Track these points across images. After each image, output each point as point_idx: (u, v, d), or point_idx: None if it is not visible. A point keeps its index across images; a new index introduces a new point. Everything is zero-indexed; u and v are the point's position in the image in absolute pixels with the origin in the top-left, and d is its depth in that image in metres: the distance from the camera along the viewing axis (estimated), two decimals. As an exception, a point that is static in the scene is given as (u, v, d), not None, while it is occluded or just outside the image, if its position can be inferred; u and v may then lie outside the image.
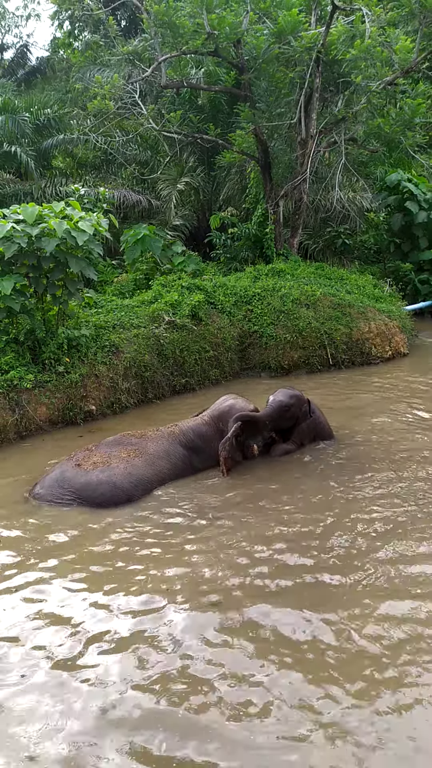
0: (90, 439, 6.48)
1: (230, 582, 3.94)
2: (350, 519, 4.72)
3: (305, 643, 3.37)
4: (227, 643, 3.38)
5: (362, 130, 12.03)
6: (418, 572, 3.99)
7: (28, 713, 2.95)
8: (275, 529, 4.62)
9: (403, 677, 3.10)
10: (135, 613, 3.67)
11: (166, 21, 10.58)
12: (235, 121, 12.79)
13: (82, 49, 18.77)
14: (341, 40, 10.63)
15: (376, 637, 3.39)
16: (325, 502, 5.03)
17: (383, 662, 3.20)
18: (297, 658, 3.26)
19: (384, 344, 10.27)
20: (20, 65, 22.79)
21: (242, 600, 3.76)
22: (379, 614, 3.58)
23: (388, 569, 4.02)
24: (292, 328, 9.68)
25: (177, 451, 5.66)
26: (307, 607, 3.65)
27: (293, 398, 6.03)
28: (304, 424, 6.14)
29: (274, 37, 10.49)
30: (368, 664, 3.20)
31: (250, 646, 3.35)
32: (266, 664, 3.22)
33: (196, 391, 8.80)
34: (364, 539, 4.41)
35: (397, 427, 6.82)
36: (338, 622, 3.51)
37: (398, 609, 3.62)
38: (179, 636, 3.44)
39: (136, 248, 11.25)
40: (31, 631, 3.56)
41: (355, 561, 4.14)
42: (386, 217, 14.42)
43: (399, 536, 4.43)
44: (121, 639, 3.45)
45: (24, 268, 7.19)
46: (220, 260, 13.29)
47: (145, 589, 3.91)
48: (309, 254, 14.12)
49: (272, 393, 6.12)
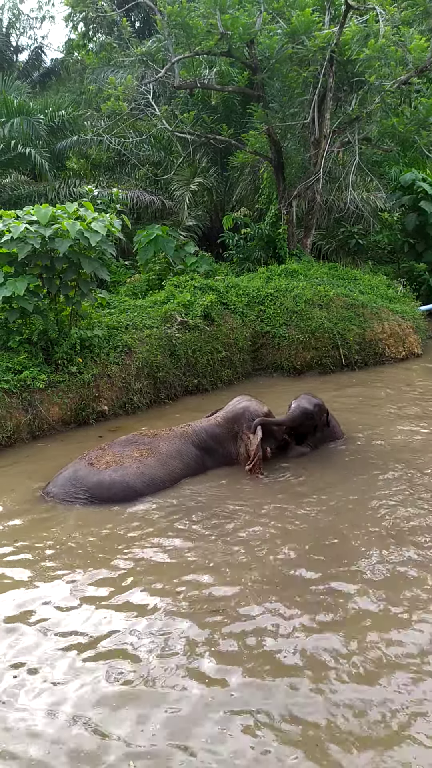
0: (110, 439, 6.46)
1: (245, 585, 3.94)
2: (365, 520, 4.70)
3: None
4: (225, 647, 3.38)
5: (376, 129, 11.95)
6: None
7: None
8: (291, 529, 4.61)
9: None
10: (137, 613, 3.68)
11: (180, 22, 10.59)
12: (248, 121, 12.76)
13: (97, 50, 18.83)
14: (355, 39, 10.57)
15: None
16: (334, 506, 5.01)
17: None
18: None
19: (397, 345, 10.21)
20: (35, 67, 22.92)
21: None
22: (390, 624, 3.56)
23: (399, 573, 3.99)
24: (305, 328, 9.64)
25: (189, 451, 5.67)
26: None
27: (316, 406, 6.07)
28: (320, 433, 6.17)
29: (287, 36, 10.46)
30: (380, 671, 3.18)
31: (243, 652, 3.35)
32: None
33: (208, 391, 8.80)
34: (378, 542, 4.38)
35: (410, 428, 6.78)
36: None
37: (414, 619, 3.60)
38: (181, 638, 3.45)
39: (149, 249, 11.26)
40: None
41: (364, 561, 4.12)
42: (400, 217, 14.32)
43: (413, 542, 4.40)
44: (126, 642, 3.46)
45: (37, 269, 7.23)
46: (233, 261, 13.27)
47: (152, 589, 3.92)
48: (322, 254, 14.06)
49: (295, 398, 6.14)
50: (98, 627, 3.58)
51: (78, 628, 3.58)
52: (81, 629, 3.56)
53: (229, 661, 3.25)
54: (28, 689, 3.10)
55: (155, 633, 3.49)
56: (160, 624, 3.57)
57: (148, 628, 3.53)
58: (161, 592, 3.87)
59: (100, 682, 3.13)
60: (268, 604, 3.72)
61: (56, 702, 3.01)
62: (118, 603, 3.79)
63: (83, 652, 3.37)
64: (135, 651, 3.35)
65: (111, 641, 3.44)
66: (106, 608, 3.75)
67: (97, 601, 3.83)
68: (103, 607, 3.76)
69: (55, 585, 4.02)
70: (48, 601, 3.85)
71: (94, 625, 3.60)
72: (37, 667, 3.26)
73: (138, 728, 2.83)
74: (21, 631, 3.57)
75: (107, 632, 3.52)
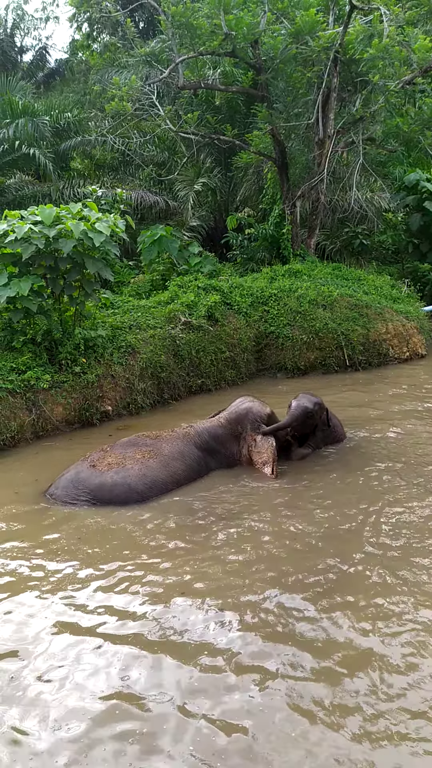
0: (119, 438, 6.43)
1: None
2: (371, 521, 4.69)
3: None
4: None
5: (380, 129, 11.96)
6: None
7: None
8: (294, 529, 4.60)
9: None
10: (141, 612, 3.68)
11: (184, 22, 10.60)
12: (252, 121, 12.77)
13: (101, 51, 18.86)
14: (359, 39, 10.56)
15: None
16: (337, 507, 5.00)
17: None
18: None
19: (401, 345, 10.19)
20: (39, 67, 22.98)
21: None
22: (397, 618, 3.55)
23: (407, 573, 3.98)
24: (309, 328, 9.64)
25: (192, 452, 5.65)
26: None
27: (316, 405, 6.04)
28: (321, 433, 6.16)
29: (291, 37, 10.46)
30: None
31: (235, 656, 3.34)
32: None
33: (211, 392, 8.80)
34: (383, 541, 4.37)
35: (415, 428, 6.76)
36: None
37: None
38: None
39: (152, 249, 11.27)
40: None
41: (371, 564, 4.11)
42: (404, 217, 14.31)
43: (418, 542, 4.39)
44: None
45: (41, 269, 7.24)
46: (237, 261, 13.28)
47: (161, 589, 3.92)
48: (326, 255, 14.05)
49: (295, 398, 6.10)
50: (98, 627, 3.58)
51: (78, 628, 3.58)
52: (81, 630, 3.56)
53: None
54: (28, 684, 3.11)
55: (156, 634, 3.49)
56: (162, 624, 3.57)
57: (150, 629, 3.53)
58: (162, 592, 3.87)
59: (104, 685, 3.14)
60: (273, 601, 3.72)
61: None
62: (118, 603, 3.79)
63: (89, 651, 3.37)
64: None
65: (115, 640, 3.45)
66: (106, 608, 3.75)
67: (98, 601, 3.83)
68: (104, 607, 3.76)
69: (56, 586, 4.02)
70: (48, 602, 3.85)
71: (95, 625, 3.60)
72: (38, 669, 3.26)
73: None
74: (23, 633, 3.57)
75: (111, 633, 3.52)
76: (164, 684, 3.10)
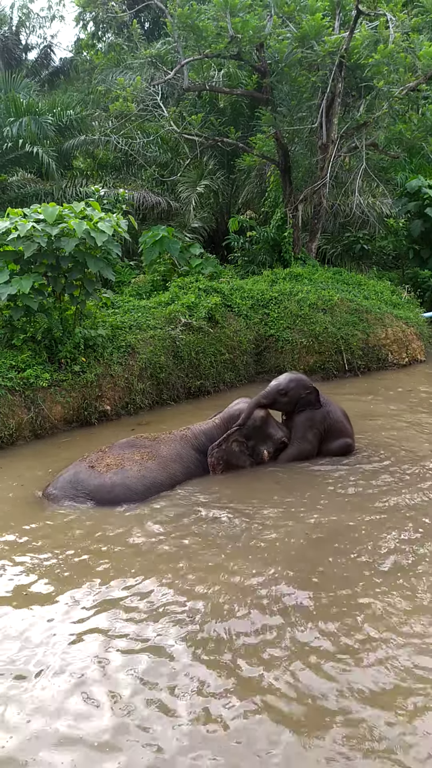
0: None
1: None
2: (369, 520, 4.69)
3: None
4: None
5: (383, 135, 11.98)
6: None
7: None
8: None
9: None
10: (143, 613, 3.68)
11: (189, 24, 10.60)
12: (256, 124, 12.79)
13: (105, 50, 18.88)
14: (364, 45, 10.59)
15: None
16: (335, 509, 5.00)
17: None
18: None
19: (401, 351, 10.21)
20: (44, 66, 22.99)
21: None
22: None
23: (407, 582, 3.98)
24: (309, 332, 9.65)
25: (189, 454, 5.66)
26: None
27: (293, 381, 5.83)
28: (305, 415, 5.88)
29: (297, 41, 10.47)
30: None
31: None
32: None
33: (211, 393, 8.80)
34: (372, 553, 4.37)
35: (412, 435, 6.77)
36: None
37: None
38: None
39: (154, 250, 11.27)
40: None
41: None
42: (406, 223, 14.34)
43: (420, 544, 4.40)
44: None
45: (43, 268, 7.24)
46: (238, 263, 13.29)
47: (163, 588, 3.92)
48: (327, 259, 14.07)
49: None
50: (100, 627, 3.57)
51: (80, 628, 3.57)
52: (83, 630, 3.56)
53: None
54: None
55: (158, 632, 3.49)
56: (165, 625, 3.56)
57: (152, 630, 3.53)
58: (162, 592, 3.87)
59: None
60: (274, 601, 3.72)
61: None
62: (119, 604, 3.79)
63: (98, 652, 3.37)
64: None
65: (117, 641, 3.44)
66: (107, 609, 3.74)
67: (99, 601, 3.82)
68: (105, 608, 3.75)
69: (56, 586, 4.02)
70: (48, 603, 3.84)
71: (96, 625, 3.59)
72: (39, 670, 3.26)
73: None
74: (24, 633, 3.56)
75: (111, 633, 3.52)
76: (164, 684, 3.09)
